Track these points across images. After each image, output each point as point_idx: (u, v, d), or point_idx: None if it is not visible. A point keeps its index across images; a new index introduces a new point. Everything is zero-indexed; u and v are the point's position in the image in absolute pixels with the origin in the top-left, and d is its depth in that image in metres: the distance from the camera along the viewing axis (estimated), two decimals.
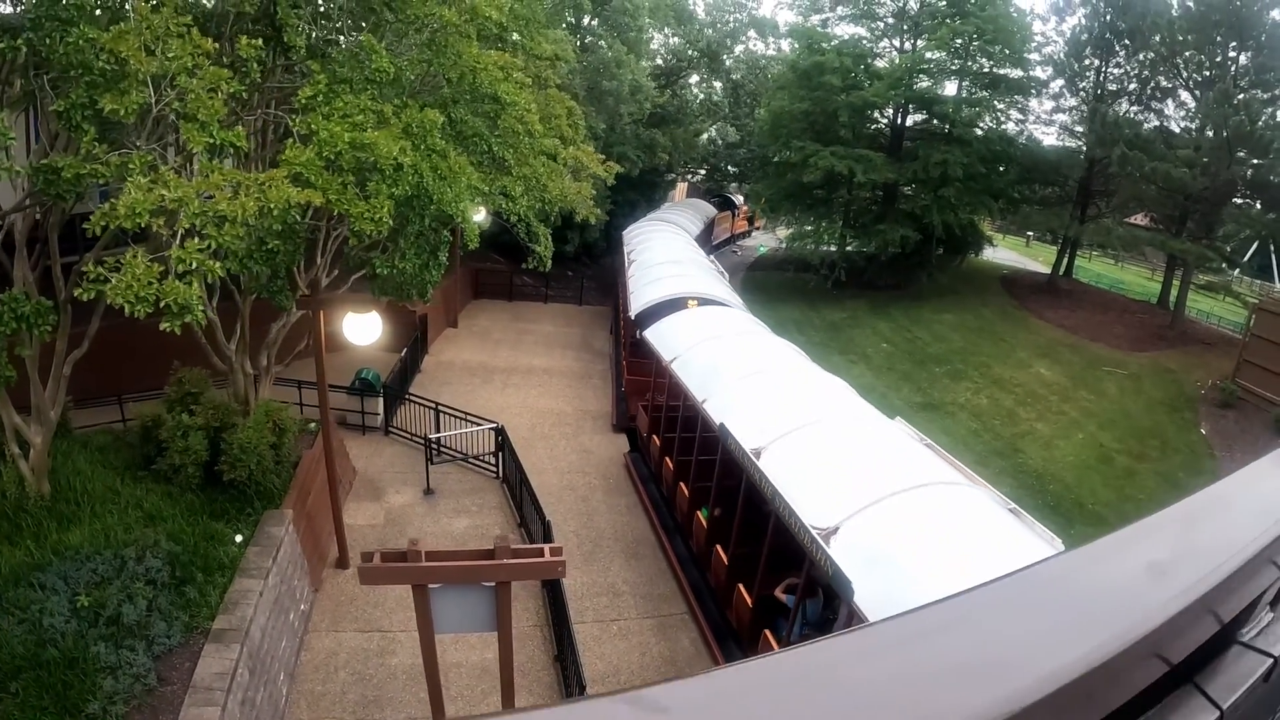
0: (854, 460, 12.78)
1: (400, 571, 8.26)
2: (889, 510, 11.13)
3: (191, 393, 14.60)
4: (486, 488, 19.72)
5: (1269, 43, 33.98)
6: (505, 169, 16.50)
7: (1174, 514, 1.36)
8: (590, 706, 0.74)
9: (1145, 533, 1.27)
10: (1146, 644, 0.98)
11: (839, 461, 12.80)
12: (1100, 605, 1.06)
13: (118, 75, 8.96)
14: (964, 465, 12.93)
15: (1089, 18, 41.74)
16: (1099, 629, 0.95)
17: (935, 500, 11.43)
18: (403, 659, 13.33)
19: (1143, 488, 25.06)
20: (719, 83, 56.00)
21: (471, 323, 34.66)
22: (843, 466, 12.59)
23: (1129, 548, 1.23)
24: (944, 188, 41.69)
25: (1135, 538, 1.26)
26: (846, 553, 10.43)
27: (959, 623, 0.96)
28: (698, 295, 24.36)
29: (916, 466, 12.42)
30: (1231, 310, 42.30)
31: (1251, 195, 37.48)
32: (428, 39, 13.34)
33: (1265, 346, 28.62)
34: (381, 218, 10.69)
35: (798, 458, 13.09)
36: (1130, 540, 1.25)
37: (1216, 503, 1.48)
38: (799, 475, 12.46)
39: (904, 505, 11.21)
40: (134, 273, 8.06)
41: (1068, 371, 33.39)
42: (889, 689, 0.79)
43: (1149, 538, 1.28)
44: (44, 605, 10.41)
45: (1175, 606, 1.05)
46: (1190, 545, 1.29)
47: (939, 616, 0.95)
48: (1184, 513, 1.39)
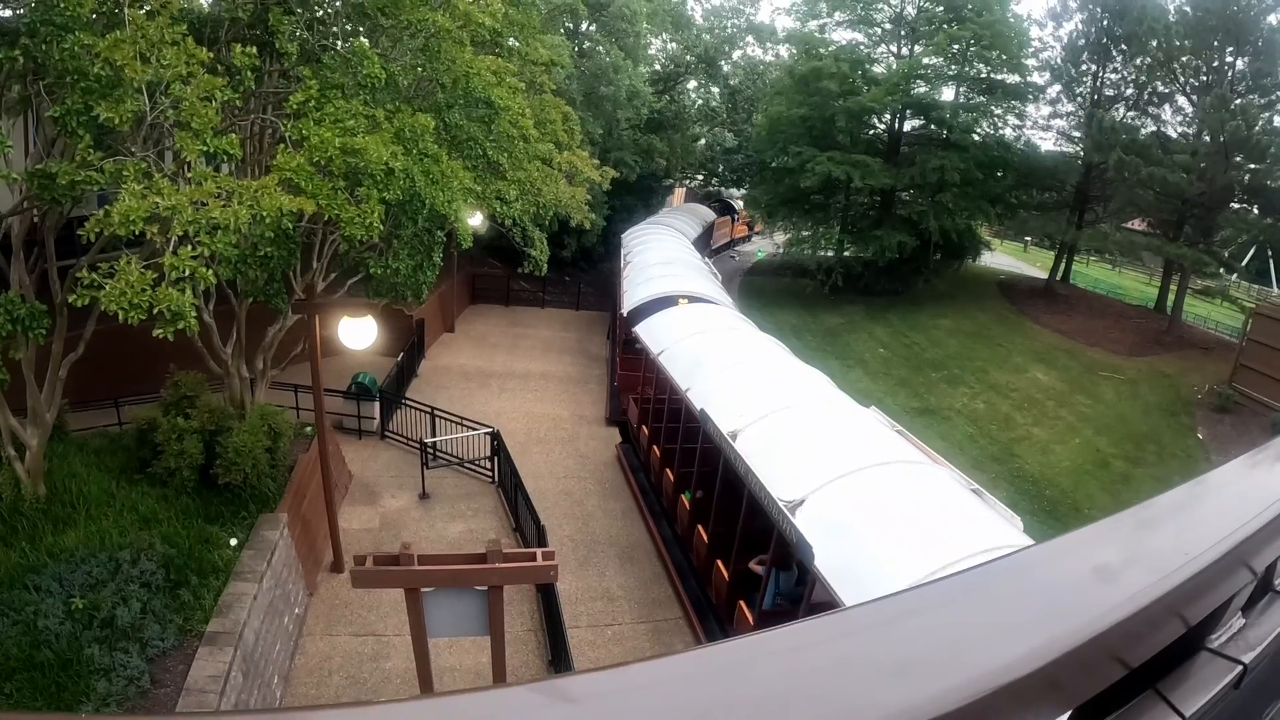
0: (824, 441, 13.35)
1: (393, 575, 8.26)
2: (853, 484, 11.71)
3: (187, 396, 14.57)
4: (482, 492, 19.70)
5: (1266, 48, 34.08)
6: (500, 173, 16.52)
7: (1140, 512, 1.35)
8: (503, 694, 0.74)
9: (1107, 531, 1.26)
10: (1100, 644, 0.96)
11: (810, 442, 13.37)
12: (1053, 602, 1.04)
13: (113, 82, 8.96)
14: (936, 453, 13.50)
15: (1086, 23, 41.86)
16: (1046, 627, 0.94)
17: (898, 476, 12.01)
18: (397, 663, 13.32)
19: (1139, 492, 24.81)
20: (716, 88, 56.07)
21: (468, 327, 34.63)
22: (813, 446, 13.17)
23: (1090, 545, 1.22)
24: (941, 193, 41.80)
25: (1098, 535, 1.24)
26: (810, 523, 11.08)
27: (904, 616, 0.95)
28: (688, 294, 25.14)
29: (883, 447, 13.03)
30: (1229, 315, 42.34)
31: (1248, 200, 37.50)
32: (421, 44, 13.36)
33: (1262, 351, 28.66)
34: (372, 223, 10.70)
35: (771, 439, 13.70)
36: (1092, 538, 1.23)
37: (1186, 502, 1.46)
38: (771, 454, 13.16)
39: (868, 480, 11.81)
40: (128, 279, 8.05)
41: (1065, 376, 33.40)
42: (812, 682, 0.79)
43: (1110, 536, 1.27)
44: (39, 607, 10.41)
45: (1131, 607, 1.03)
46: (1153, 545, 1.27)
47: (884, 610, 0.94)
48: (1150, 512, 1.38)
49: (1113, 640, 1.00)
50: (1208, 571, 1.19)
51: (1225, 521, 1.32)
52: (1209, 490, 1.54)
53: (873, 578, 9.72)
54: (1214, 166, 34.19)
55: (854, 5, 46.31)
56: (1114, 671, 1.06)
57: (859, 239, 45.96)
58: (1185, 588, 1.14)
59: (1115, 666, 1.06)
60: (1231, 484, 1.58)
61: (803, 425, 14.05)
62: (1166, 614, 1.14)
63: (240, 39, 11.65)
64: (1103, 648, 0.98)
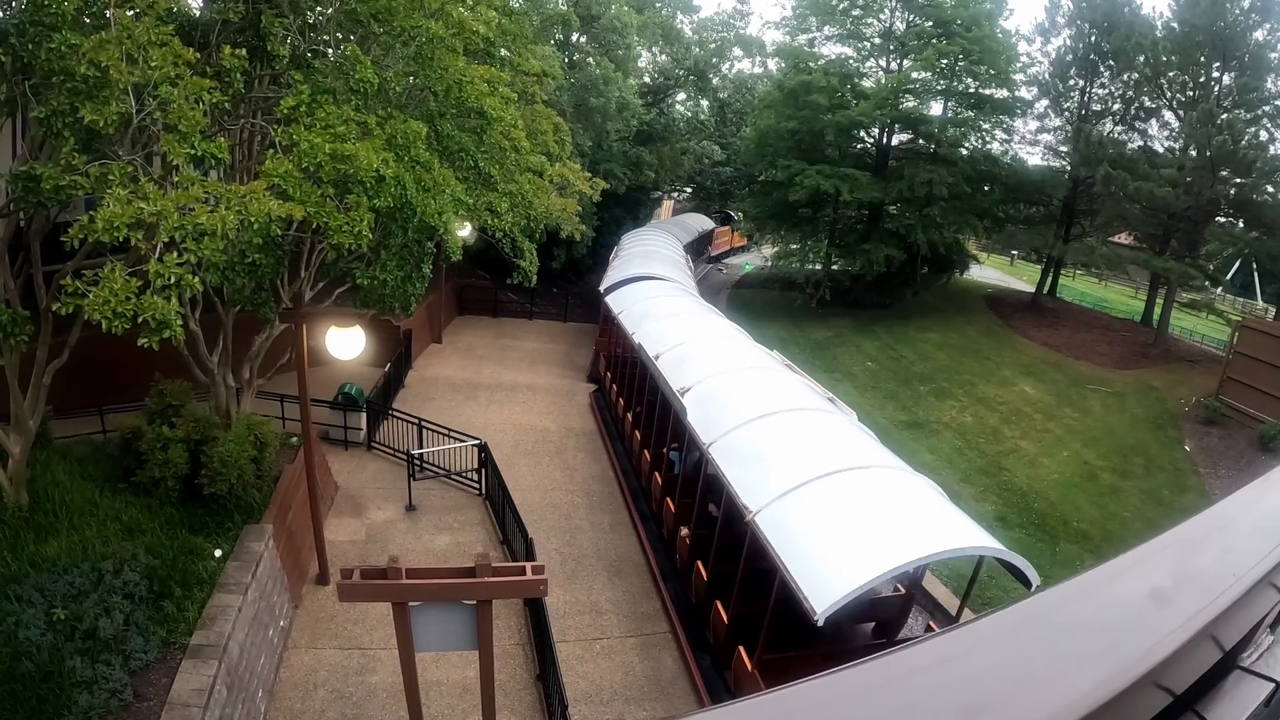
0: (716, 356, 19.76)
1: (380, 589, 8.16)
2: (729, 378, 18.07)
3: (172, 405, 14.45)
4: (469, 504, 19.61)
5: (1252, 63, 34.29)
6: (491, 185, 16.49)
7: (1172, 538, 1.31)
8: None
9: (1145, 558, 1.22)
10: (1151, 676, 0.93)
11: (705, 357, 19.69)
12: (1102, 638, 1.00)
13: (100, 83, 8.87)
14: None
15: (1074, 38, 42.05)
16: (1102, 664, 0.89)
17: (764, 377, 18.34)
18: (383, 677, 13.20)
19: (1127, 505, 25.09)
20: (706, 101, 56.25)
21: (456, 338, 34.58)
22: (706, 357, 19.67)
23: (1128, 575, 1.17)
24: (929, 207, 41.88)
25: (1134, 564, 1.20)
26: (692, 400, 17.30)
27: (955, 659, 0.89)
28: (655, 275, 30.95)
29: (756, 355, 20.38)
30: (1215, 328, 42.55)
31: (1234, 214, 37.69)
32: (414, 52, 13.32)
33: (1248, 363, 28.76)
34: (360, 231, 10.62)
35: (681, 358, 19.80)
36: (1129, 567, 1.19)
37: (1215, 526, 1.42)
38: (677, 365, 19.36)
39: (743, 378, 18.07)
40: (112, 287, 7.95)
41: (1052, 389, 33.48)
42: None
43: (1149, 564, 1.22)
44: (20, 617, 10.27)
45: (1182, 636, 0.99)
46: (1191, 571, 1.23)
47: (932, 652, 0.88)
48: (1182, 537, 1.33)
49: (1163, 669, 0.96)
50: (1253, 591, 1.16)
51: (1256, 543, 1.28)
52: (1243, 508, 1.50)
53: (716, 425, 15.65)
54: (1200, 181, 34.37)
55: (843, 20, 46.42)
56: (1160, 699, 1.03)
57: (847, 252, 45.99)
58: (1232, 609, 1.11)
59: (1162, 695, 1.03)
60: (1258, 504, 1.54)
61: (702, 351, 20.19)
62: (1206, 638, 1.10)
63: (230, 42, 11.60)
64: (1154, 677, 0.94)
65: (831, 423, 15.68)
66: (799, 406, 16.24)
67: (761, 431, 14.98)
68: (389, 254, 12.62)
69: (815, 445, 14.41)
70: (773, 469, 13.50)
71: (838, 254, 46.72)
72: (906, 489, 12.82)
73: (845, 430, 15.40)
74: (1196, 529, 1.36)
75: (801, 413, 15.91)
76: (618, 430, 25.18)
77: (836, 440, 14.76)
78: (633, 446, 22.58)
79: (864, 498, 12.42)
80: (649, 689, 14.12)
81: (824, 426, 15.41)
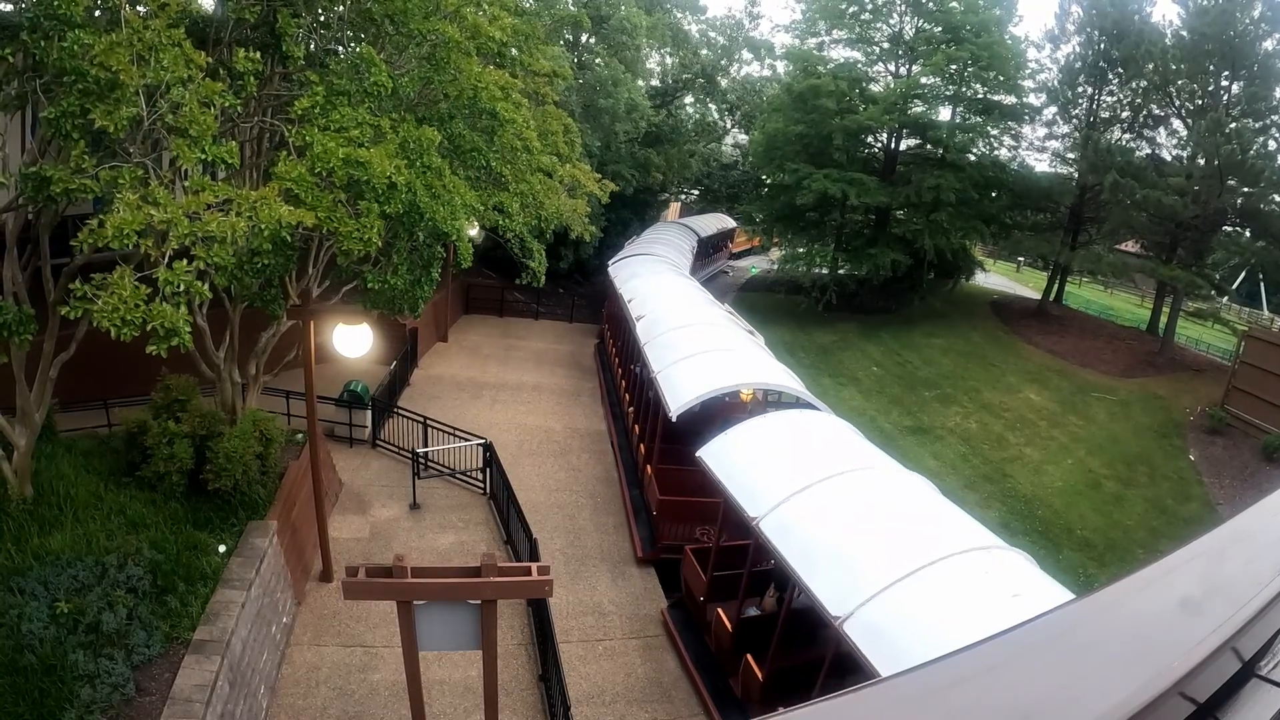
0: (693, 333, 22.44)
1: (385, 587, 8.17)
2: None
3: (178, 399, 14.45)
4: (473, 504, 19.61)
5: (1261, 72, 34.24)
6: (503, 185, 16.48)
7: (1200, 548, 1.31)
8: None
9: (1173, 569, 1.22)
10: (1178, 686, 0.93)
11: (661, 300, 25.46)
12: (1128, 651, 1.00)
13: (111, 83, 8.84)
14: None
15: (1083, 45, 42.00)
16: (1134, 674, 0.89)
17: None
18: (385, 675, 13.21)
19: (1131, 513, 25.07)
20: (714, 104, 56.26)
21: (462, 337, 34.59)
22: (661, 300, 25.49)
23: (1157, 586, 1.17)
24: (936, 212, 41.87)
25: (1163, 574, 1.20)
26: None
27: (982, 674, 0.90)
28: (654, 254, 36.19)
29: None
30: (1221, 337, 42.50)
31: (1241, 223, 37.67)
32: (427, 53, 13.30)
33: (1254, 373, 28.74)
34: (370, 238, 10.61)
35: (643, 298, 25.40)
36: (1158, 577, 1.19)
37: (1239, 537, 1.42)
38: (642, 301, 25.46)
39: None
40: (121, 294, 7.88)
41: (1057, 397, 33.45)
42: None
43: (1177, 574, 1.22)
44: (23, 610, 10.28)
45: (1209, 646, 0.99)
46: (1218, 581, 1.23)
47: (968, 664, 0.88)
48: (1208, 546, 1.33)
49: (1188, 680, 0.96)
50: (1276, 600, 1.16)
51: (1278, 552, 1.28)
52: (1265, 516, 1.49)
53: (653, 329, 22.97)
54: (1208, 189, 34.35)
55: (852, 24, 46.37)
56: (1183, 709, 1.02)
57: (854, 256, 45.98)
58: (1256, 618, 1.11)
59: (1184, 704, 1.02)
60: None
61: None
62: (1228, 648, 1.10)
63: (243, 41, 11.58)
64: (1179, 687, 0.94)
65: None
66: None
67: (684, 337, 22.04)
68: (399, 257, 12.61)
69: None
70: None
71: (844, 258, 46.72)
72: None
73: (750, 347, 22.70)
74: (1221, 539, 1.36)
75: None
76: (611, 380, 30.13)
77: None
78: (621, 395, 27.30)
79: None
80: (651, 691, 14.12)
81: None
